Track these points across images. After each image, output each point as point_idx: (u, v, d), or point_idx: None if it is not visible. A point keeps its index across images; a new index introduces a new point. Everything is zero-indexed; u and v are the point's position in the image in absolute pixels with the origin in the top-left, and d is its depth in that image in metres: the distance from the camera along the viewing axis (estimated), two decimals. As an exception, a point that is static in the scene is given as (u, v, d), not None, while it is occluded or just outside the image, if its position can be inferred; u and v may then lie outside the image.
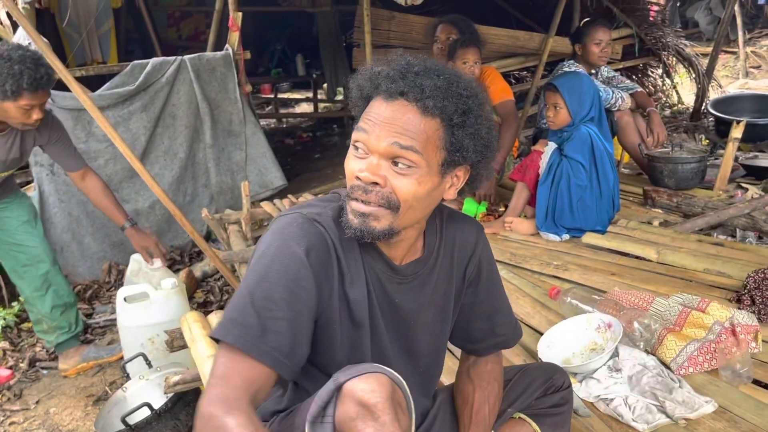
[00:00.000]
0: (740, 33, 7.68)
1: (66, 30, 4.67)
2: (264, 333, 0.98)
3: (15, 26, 3.64)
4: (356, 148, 1.08)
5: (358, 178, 1.06)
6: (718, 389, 1.63)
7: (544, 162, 2.91)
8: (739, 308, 1.94)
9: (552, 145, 2.91)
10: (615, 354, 1.74)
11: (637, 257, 2.55)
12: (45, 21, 4.48)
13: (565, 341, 1.86)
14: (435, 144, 1.05)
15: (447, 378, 1.61)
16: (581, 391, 1.67)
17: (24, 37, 3.52)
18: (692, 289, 2.17)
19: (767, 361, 1.74)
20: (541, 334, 1.94)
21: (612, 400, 1.62)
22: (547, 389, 1.39)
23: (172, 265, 4.05)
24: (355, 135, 1.08)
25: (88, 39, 4.82)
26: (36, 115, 2.40)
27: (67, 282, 3.01)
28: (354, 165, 1.08)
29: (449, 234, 1.25)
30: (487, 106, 1.13)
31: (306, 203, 1.16)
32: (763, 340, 1.80)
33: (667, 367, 1.71)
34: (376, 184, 1.05)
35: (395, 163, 1.05)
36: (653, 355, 1.76)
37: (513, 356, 1.89)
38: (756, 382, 1.66)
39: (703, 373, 1.70)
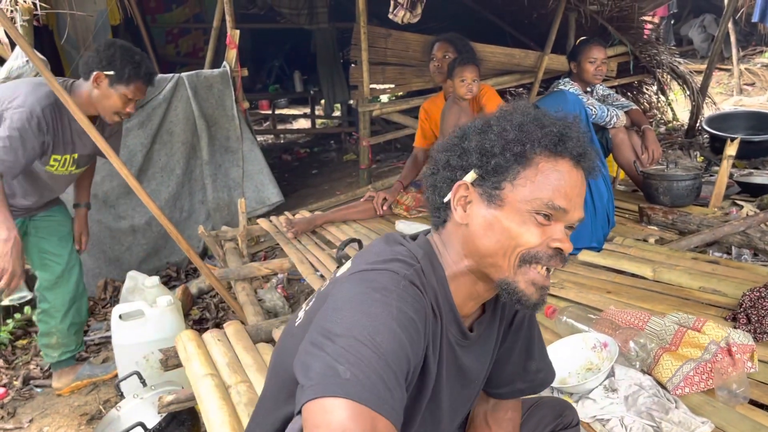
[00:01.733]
0: (734, 50, 7.76)
1: (64, 47, 4.69)
2: (389, 391, 0.85)
3: (13, 43, 3.66)
4: (545, 216, 0.99)
5: (560, 250, 1.00)
6: (715, 410, 1.62)
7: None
8: (734, 327, 1.94)
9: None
10: (611, 374, 1.74)
11: (633, 275, 2.55)
12: (43, 38, 4.50)
13: (561, 361, 1.85)
14: None
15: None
16: (577, 411, 1.67)
17: (22, 53, 3.54)
18: (688, 308, 2.17)
19: (764, 381, 1.74)
20: (537, 353, 1.94)
21: (608, 420, 1.61)
22: (556, 426, 1.37)
23: (168, 282, 4.05)
24: (547, 202, 0.98)
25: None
26: (130, 108, 2.55)
27: (87, 301, 3.00)
28: (541, 233, 0.99)
29: None
30: None
31: (386, 253, 1.04)
32: (759, 360, 1.80)
33: (663, 387, 1.71)
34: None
35: (567, 227, 1.02)
36: (649, 374, 1.75)
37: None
38: (752, 402, 1.65)
39: (699, 393, 1.69)
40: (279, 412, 1.06)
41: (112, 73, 2.45)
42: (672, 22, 9.94)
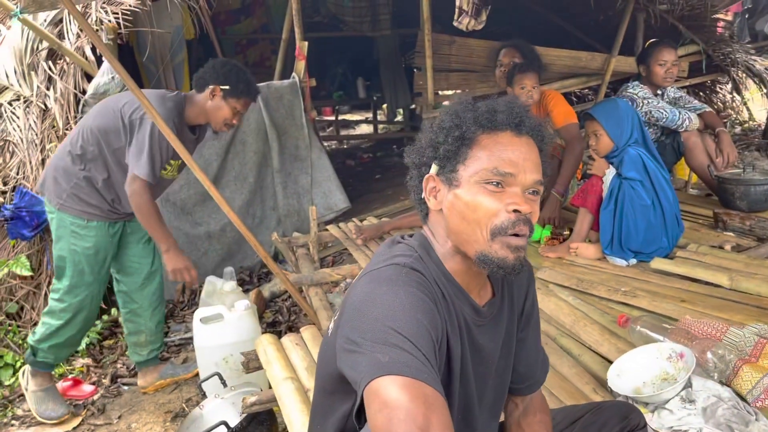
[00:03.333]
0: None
1: (144, 63, 4.95)
2: (422, 363, 0.94)
3: (98, 60, 3.90)
4: (496, 183, 1.09)
5: (516, 211, 1.08)
6: (798, 423, 1.59)
7: (606, 186, 2.91)
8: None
9: (612, 170, 2.91)
10: (688, 385, 1.73)
11: (708, 284, 2.50)
12: (125, 55, 4.76)
13: (636, 370, 1.85)
14: None
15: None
16: (653, 421, 1.67)
17: (108, 70, 3.77)
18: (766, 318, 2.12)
19: None
20: (610, 362, 1.94)
21: (686, 431, 1.61)
22: (622, 429, 1.38)
23: (242, 286, 4.20)
24: (491, 170, 1.08)
25: (164, 70, 5.09)
26: (236, 120, 2.80)
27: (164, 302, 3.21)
28: (497, 200, 1.08)
29: None
30: None
31: (386, 253, 1.16)
32: None
33: (743, 399, 1.69)
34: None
35: (530, 193, 1.12)
36: (728, 386, 1.73)
37: (582, 384, 1.90)
38: (838, 416, 1.62)
39: (782, 406, 1.66)
40: (335, 414, 1.16)
41: (227, 87, 2.69)
42: (746, 17, 9.53)
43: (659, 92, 3.85)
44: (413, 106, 7.44)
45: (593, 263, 2.90)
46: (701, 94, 5.89)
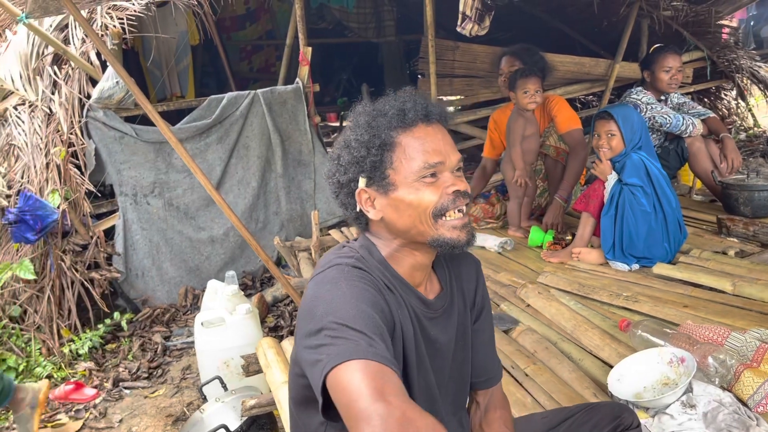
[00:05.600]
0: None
1: (149, 67, 4.98)
2: (371, 345, 0.99)
3: (103, 65, 3.92)
4: (431, 175, 1.15)
5: (457, 192, 1.15)
6: (800, 429, 1.58)
7: (607, 192, 2.90)
8: (822, 344, 1.87)
9: (614, 176, 2.90)
10: (689, 389, 1.72)
11: (711, 289, 2.49)
12: (129, 59, 4.79)
13: (636, 375, 1.84)
14: None
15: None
16: (654, 426, 1.66)
17: (113, 75, 3.80)
18: (770, 324, 2.10)
19: None
20: (611, 366, 1.93)
21: (686, 436, 1.59)
22: (615, 428, 1.38)
23: (244, 290, 4.21)
24: (424, 166, 1.14)
25: (168, 75, 5.12)
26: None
27: None
28: (435, 189, 1.15)
29: (454, 267, 1.33)
30: None
31: (331, 257, 1.21)
32: None
33: (744, 404, 1.67)
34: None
35: (456, 171, 1.19)
36: (729, 391, 1.72)
37: (582, 389, 1.89)
38: (841, 422, 1.60)
39: (784, 411, 1.65)
40: (313, 424, 1.20)
41: None
42: (752, 24, 9.52)
43: (663, 98, 3.84)
44: (417, 112, 7.45)
45: (595, 268, 2.89)
46: (706, 100, 5.88)
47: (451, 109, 7.28)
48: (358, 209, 1.21)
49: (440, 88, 5.03)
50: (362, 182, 1.18)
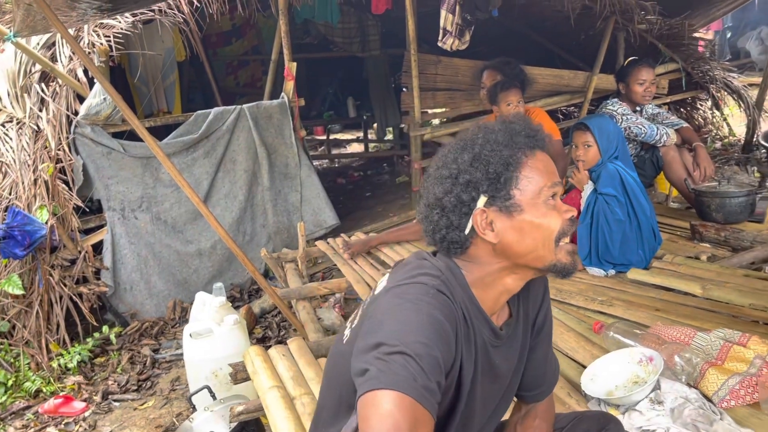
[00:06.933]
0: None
1: (136, 84, 5.05)
2: (424, 385, 0.97)
3: (90, 82, 3.99)
4: (552, 196, 1.15)
5: (573, 218, 1.17)
6: (760, 422, 1.66)
7: (583, 201, 3.00)
8: (784, 343, 1.97)
9: (590, 186, 3.00)
10: (657, 387, 1.80)
11: (682, 293, 2.59)
12: (116, 76, 4.85)
13: (609, 375, 1.92)
14: None
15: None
16: (624, 422, 1.74)
17: (100, 91, 3.86)
18: (738, 325, 2.19)
19: (812, 395, 1.77)
20: (586, 367, 2.01)
21: (654, 431, 1.68)
22: None
23: (233, 302, 4.25)
24: (551, 186, 1.14)
25: (155, 91, 5.19)
26: None
27: None
28: (556, 213, 1.15)
29: (524, 289, 1.25)
30: None
31: (414, 270, 1.15)
32: (807, 375, 1.82)
33: (709, 400, 1.76)
34: None
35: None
36: (695, 388, 1.81)
37: (557, 389, 1.96)
38: (799, 415, 1.69)
39: (746, 406, 1.74)
40: (340, 424, 1.18)
41: None
42: (728, 35, 9.76)
43: (638, 109, 3.96)
44: (402, 125, 7.57)
45: (575, 275, 2.98)
46: (682, 110, 6.03)
47: (436, 121, 7.40)
48: (466, 231, 1.14)
49: (423, 102, 5.13)
50: (482, 201, 1.13)
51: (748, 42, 9.49)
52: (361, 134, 9.34)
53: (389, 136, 8.91)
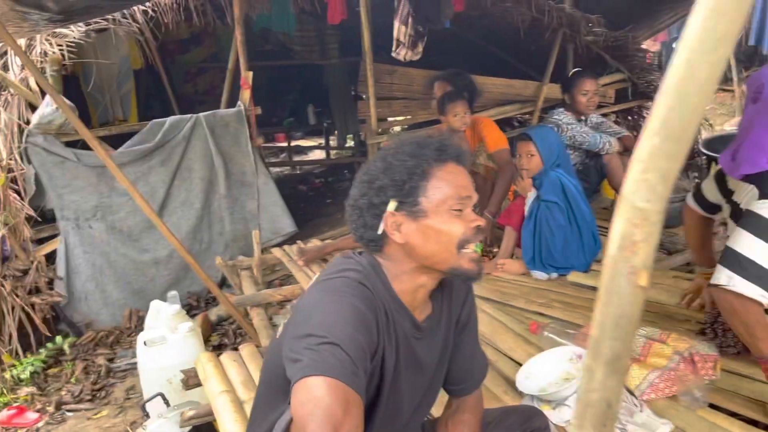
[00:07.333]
0: (734, 72, 7.92)
1: (90, 92, 5.02)
2: (351, 370, 1.06)
3: (42, 92, 3.97)
4: (459, 209, 1.24)
5: (479, 227, 1.26)
6: (677, 413, 1.80)
7: (527, 207, 3.14)
8: (705, 340, 2.11)
9: (533, 193, 3.14)
10: (585, 383, 1.92)
11: (618, 294, 2.72)
12: (71, 85, 4.82)
13: (542, 372, 2.04)
14: None
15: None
16: (554, 416, 1.85)
17: (51, 101, 3.85)
18: (665, 323, 2.34)
19: (725, 388, 1.91)
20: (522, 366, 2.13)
21: (580, 424, 1.79)
22: (524, 430, 1.53)
23: (189, 311, 4.27)
24: (457, 198, 1.23)
25: (111, 99, 5.17)
26: None
27: None
28: (461, 222, 1.24)
29: (447, 287, 1.39)
30: None
31: (340, 266, 1.28)
32: (722, 369, 1.97)
33: (632, 393, 1.89)
34: None
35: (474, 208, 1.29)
36: (620, 383, 1.93)
37: (494, 386, 2.08)
38: (712, 406, 1.82)
39: (665, 399, 1.87)
40: (275, 413, 1.27)
41: None
42: (674, 45, 10.11)
43: (582, 118, 4.13)
44: (361, 133, 7.66)
45: (517, 278, 3.11)
46: (629, 118, 6.26)
47: (398, 128, 7.50)
48: (379, 232, 1.25)
49: (380, 110, 5.23)
50: (392, 206, 1.24)
51: (695, 52, 9.85)
52: (322, 141, 9.40)
53: (350, 143, 8.99)
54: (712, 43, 0.38)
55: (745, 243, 1.64)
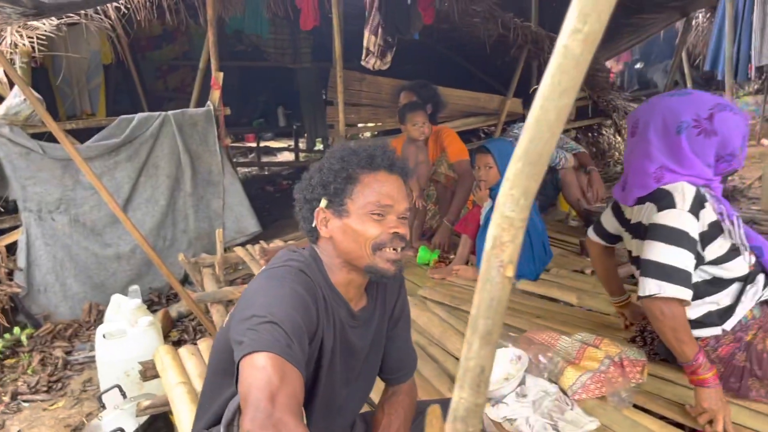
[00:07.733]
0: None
1: (59, 85, 5.02)
2: (289, 346, 1.17)
3: (11, 83, 3.98)
4: (378, 213, 1.35)
5: (396, 233, 1.36)
6: (605, 412, 1.94)
7: (482, 216, 3.28)
8: (636, 346, 2.27)
9: (489, 203, 3.29)
10: (523, 382, 2.06)
11: (563, 303, 2.88)
12: (39, 77, 4.82)
13: (485, 372, 2.16)
14: None
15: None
16: (491, 413, 1.98)
17: (20, 92, 3.86)
18: (603, 331, 2.49)
19: (650, 391, 2.06)
20: (467, 366, 2.25)
21: (515, 420, 1.92)
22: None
23: (151, 306, 4.30)
24: (376, 204, 1.34)
25: (79, 93, 5.17)
26: None
27: None
28: (379, 226, 1.35)
29: (382, 283, 1.52)
30: None
31: (284, 258, 1.40)
32: (649, 374, 2.12)
33: (565, 393, 2.03)
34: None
35: (402, 218, 1.39)
36: (555, 383, 2.07)
37: (440, 384, 2.20)
38: (637, 407, 1.97)
39: (595, 398, 2.01)
40: (222, 397, 1.39)
41: None
42: (640, 66, 10.48)
43: (541, 133, 4.30)
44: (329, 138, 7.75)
45: (471, 283, 3.24)
46: (589, 134, 6.50)
47: (367, 134, 7.62)
48: (313, 225, 1.40)
49: (348, 116, 5.34)
50: (323, 203, 1.37)
51: (656, 74, 10.24)
52: (291, 143, 9.47)
53: (319, 146, 9.08)
54: (558, 93, 0.50)
55: (661, 252, 1.79)
